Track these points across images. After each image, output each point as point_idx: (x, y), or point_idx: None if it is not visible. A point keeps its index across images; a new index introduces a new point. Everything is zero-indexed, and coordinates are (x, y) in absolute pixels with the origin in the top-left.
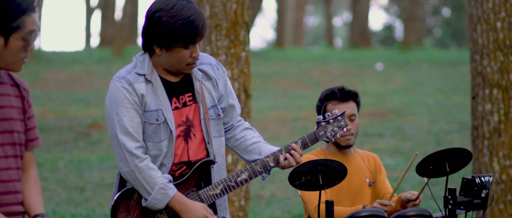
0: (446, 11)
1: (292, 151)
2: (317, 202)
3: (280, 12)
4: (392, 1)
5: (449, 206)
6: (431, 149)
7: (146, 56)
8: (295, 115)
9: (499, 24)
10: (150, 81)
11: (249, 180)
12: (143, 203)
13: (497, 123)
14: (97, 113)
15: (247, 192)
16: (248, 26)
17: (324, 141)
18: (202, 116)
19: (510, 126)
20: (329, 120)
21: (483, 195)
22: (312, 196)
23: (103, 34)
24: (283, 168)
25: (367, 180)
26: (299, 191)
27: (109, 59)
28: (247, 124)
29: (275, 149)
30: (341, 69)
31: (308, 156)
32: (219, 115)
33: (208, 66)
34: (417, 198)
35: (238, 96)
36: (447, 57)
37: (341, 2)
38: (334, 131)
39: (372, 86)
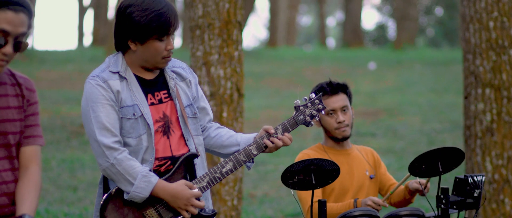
0: (438, 11)
1: (278, 136)
2: (314, 200)
3: (273, 11)
4: (384, 1)
5: (442, 206)
6: (423, 149)
7: (119, 55)
8: (288, 114)
9: (491, 24)
10: (125, 78)
11: (234, 170)
12: (125, 196)
13: (489, 122)
14: None
15: (240, 192)
16: (240, 25)
17: (304, 125)
18: (179, 113)
19: (503, 125)
20: (307, 104)
21: (475, 195)
22: (308, 195)
23: (95, 33)
24: (270, 151)
25: (367, 173)
26: (292, 190)
27: (102, 58)
28: (218, 125)
29: (252, 135)
30: (333, 69)
31: (307, 151)
32: (195, 113)
33: (180, 69)
34: (425, 187)
35: (231, 96)
36: (440, 57)
37: (334, 1)
38: (312, 114)
39: (365, 86)
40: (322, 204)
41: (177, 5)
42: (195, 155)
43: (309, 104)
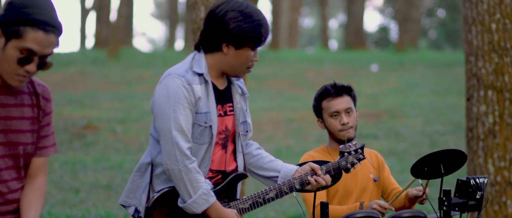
0: (441, 13)
1: (320, 176)
2: (315, 202)
3: (275, 13)
4: (387, 3)
5: (444, 208)
6: (425, 150)
7: (202, 55)
8: (290, 116)
9: (493, 26)
10: (206, 81)
11: (275, 198)
12: (180, 204)
13: (492, 124)
14: (92, 114)
15: (242, 193)
16: None
17: (343, 170)
18: (237, 129)
19: (505, 127)
20: (350, 151)
21: (478, 197)
22: (311, 197)
23: (98, 36)
24: (311, 188)
25: (371, 176)
26: (294, 192)
27: (104, 61)
28: (258, 144)
29: (293, 167)
30: (335, 71)
31: (311, 153)
32: (247, 131)
33: (241, 83)
34: (423, 194)
35: None
36: (442, 59)
37: (336, 3)
38: (353, 162)
39: (367, 88)
40: (324, 206)
41: (179, 7)
42: (245, 176)
43: (352, 152)
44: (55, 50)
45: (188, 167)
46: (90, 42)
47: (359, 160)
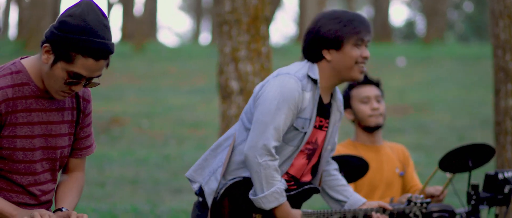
0: (468, 6)
1: (383, 215)
2: None
3: (302, 6)
4: None
5: (472, 202)
6: (452, 145)
7: (315, 64)
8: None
9: None
10: (315, 90)
11: None
12: (251, 196)
13: None
14: (117, 108)
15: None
16: (268, 21)
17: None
18: (326, 146)
19: None
20: (416, 202)
21: (506, 191)
22: None
23: (124, 29)
24: None
25: (398, 171)
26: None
27: (130, 55)
28: (337, 165)
29: (362, 199)
30: None
31: (337, 147)
32: (332, 149)
33: (340, 102)
34: (441, 194)
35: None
36: (469, 52)
37: None
38: (415, 214)
39: (394, 82)
40: None
41: (204, 0)
42: (318, 191)
43: (418, 203)
44: None
45: (268, 163)
46: (115, 36)
47: (421, 212)
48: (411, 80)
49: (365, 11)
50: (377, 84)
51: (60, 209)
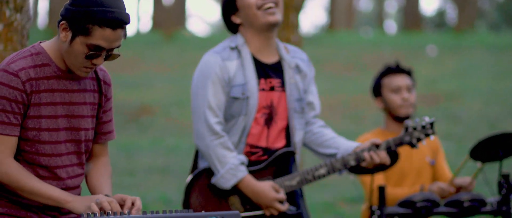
0: None
1: (377, 152)
2: (373, 186)
3: None
4: None
5: (503, 191)
6: (483, 134)
7: (238, 34)
8: (347, 99)
9: None
10: (241, 54)
11: (327, 175)
12: (212, 180)
13: None
14: (147, 97)
15: None
16: (298, 9)
17: (409, 145)
18: (289, 105)
19: None
20: (416, 126)
21: None
22: (369, 180)
23: (155, 18)
24: (367, 165)
25: (428, 159)
26: (351, 175)
27: (160, 43)
28: (323, 123)
29: (353, 144)
30: (392, 54)
31: (367, 136)
32: (303, 108)
33: (300, 60)
34: (470, 183)
35: None
36: (500, 41)
37: None
38: (420, 138)
39: (425, 71)
40: (382, 190)
41: None
42: (293, 153)
43: (418, 127)
44: None
45: (214, 142)
46: (144, 26)
47: (427, 135)
48: (442, 69)
49: (396, 0)
50: (408, 73)
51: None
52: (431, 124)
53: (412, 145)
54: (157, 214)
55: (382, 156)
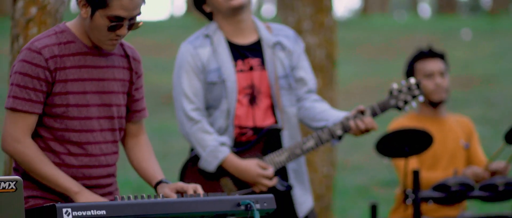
0: None
1: (362, 119)
2: (407, 169)
3: None
4: None
5: None
6: None
7: (213, 21)
8: (380, 83)
9: None
10: (214, 40)
11: (315, 147)
12: (198, 164)
13: None
14: None
15: (333, 160)
16: None
17: (396, 108)
18: (271, 83)
19: None
20: (401, 89)
21: None
22: (403, 164)
23: (188, 2)
24: (354, 133)
25: (462, 143)
26: (385, 159)
27: (193, 27)
28: (317, 97)
29: (342, 114)
30: (426, 37)
31: (401, 120)
32: (290, 84)
33: (285, 37)
34: (505, 168)
35: (322, 65)
36: None
37: None
38: (406, 100)
39: (459, 54)
40: (415, 174)
41: None
42: (279, 129)
43: (404, 89)
44: (145, 18)
45: (192, 128)
46: (178, 10)
47: (414, 97)
48: (477, 53)
49: None
50: (441, 57)
51: (160, 182)
52: (417, 85)
53: (399, 108)
54: (191, 197)
55: (367, 122)
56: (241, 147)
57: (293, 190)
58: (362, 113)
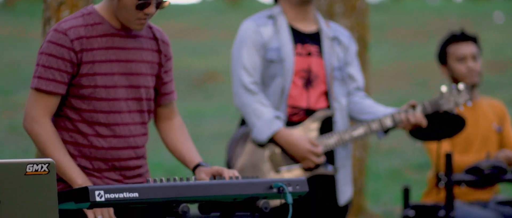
0: None
1: (413, 113)
2: (440, 153)
3: None
4: None
5: None
6: None
7: (277, 4)
8: (413, 66)
9: None
10: (277, 22)
11: (363, 135)
12: (251, 135)
13: None
14: (213, 63)
15: (365, 144)
16: None
17: (447, 110)
18: (327, 71)
19: None
20: (452, 91)
21: None
22: (436, 147)
23: None
24: (404, 127)
25: (495, 126)
26: (417, 142)
27: (225, 10)
28: (365, 94)
29: (391, 110)
30: (459, 21)
31: None
32: (344, 77)
33: (341, 35)
34: None
35: None
36: None
37: None
38: (456, 103)
39: (491, 38)
40: (448, 157)
41: None
42: (331, 114)
43: (454, 92)
44: (176, 1)
45: (250, 99)
46: None
47: (464, 100)
48: (509, 36)
49: None
50: (474, 40)
51: (198, 165)
52: (467, 90)
53: (447, 110)
54: (223, 180)
55: (417, 116)
56: (293, 126)
57: (337, 175)
58: (413, 107)
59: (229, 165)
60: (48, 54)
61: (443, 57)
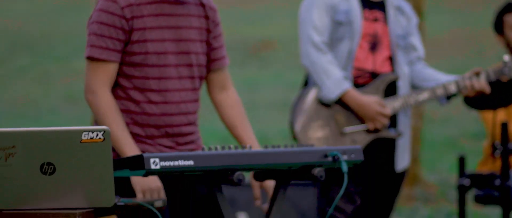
0: None
1: (478, 79)
2: (495, 122)
3: None
4: None
5: None
6: None
7: None
8: (469, 35)
9: None
10: None
11: (427, 100)
12: (318, 94)
13: None
14: (268, 31)
15: (421, 112)
16: None
17: (509, 76)
18: (391, 38)
19: None
20: None
21: None
22: (491, 115)
23: None
24: (468, 93)
25: None
26: (479, 111)
27: None
28: (425, 64)
29: (454, 77)
30: None
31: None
32: (406, 45)
33: (405, 5)
34: None
35: None
36: None
37: None
38: None
39: None
40: (504, 126)
41: None
42: (396, 77)
43: None
44: None
45: (321, 58)
46: None
47: None
48: None
49: None
50: None
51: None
52: None
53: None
54: (278, 148)
55: (482, 83)
56: (360, 88)
57: (398, 141)
58: (477, 74)
59: (293, 125)
60: (99, 22)
61: (499, 26)
